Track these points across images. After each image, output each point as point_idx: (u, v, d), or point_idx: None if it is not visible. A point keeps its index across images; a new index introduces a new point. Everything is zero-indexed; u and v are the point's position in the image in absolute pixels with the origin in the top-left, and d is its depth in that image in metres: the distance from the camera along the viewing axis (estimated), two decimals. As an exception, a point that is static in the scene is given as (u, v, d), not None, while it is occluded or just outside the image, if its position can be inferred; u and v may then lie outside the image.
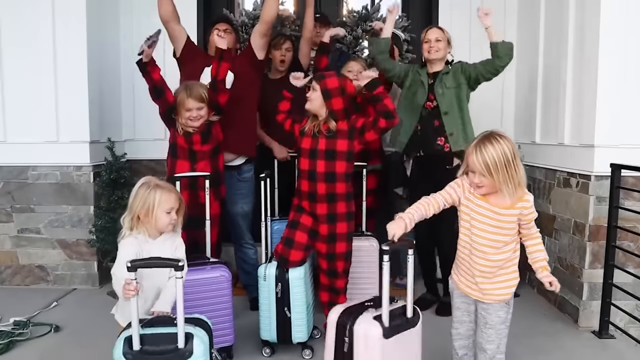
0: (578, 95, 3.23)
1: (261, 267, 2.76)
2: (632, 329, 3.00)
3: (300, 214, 2.76)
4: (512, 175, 1.98)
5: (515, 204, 2.05)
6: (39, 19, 3.68)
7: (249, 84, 3.27)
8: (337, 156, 2.66)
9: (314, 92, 2.67)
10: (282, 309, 2.72)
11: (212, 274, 2.65)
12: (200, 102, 2.83)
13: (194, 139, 2.91)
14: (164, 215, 2.08)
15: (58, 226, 3.82)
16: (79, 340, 2.92)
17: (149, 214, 2.06)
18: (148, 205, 2.06)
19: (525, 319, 3.21)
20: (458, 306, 2.24)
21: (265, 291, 2.73)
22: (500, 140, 1.98)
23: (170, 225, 2.12)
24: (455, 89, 3.15)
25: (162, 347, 1.82)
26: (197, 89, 2.85)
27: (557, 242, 3.47)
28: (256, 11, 4.18)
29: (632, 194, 3.05)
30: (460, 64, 3.20)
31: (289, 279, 2.71)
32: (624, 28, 3.00)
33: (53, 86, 3.72)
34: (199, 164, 2.92)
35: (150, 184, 2.11)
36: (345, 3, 4.51)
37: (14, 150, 3.76)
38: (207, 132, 2.94)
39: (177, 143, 2.94)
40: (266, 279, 2.72)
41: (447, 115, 3.14)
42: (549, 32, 3.62)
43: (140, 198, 2.07)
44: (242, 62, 3.27)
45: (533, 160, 3.80)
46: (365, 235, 3.28)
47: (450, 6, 4.21)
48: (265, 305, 2.74)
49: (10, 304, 3.40)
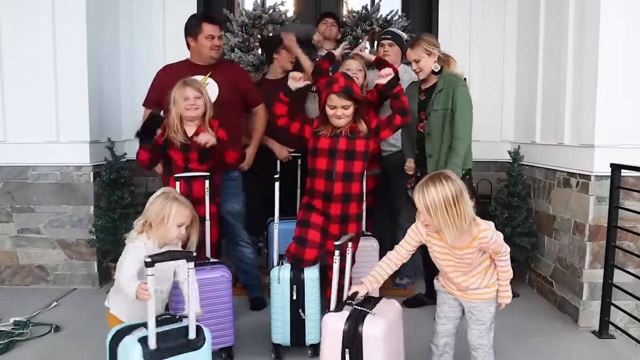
0: (578, 95, 3.23)
1: (274, 270, 2.69)
2: (632, 329, 3.00)
3: (310, 212, 2.74)
4: (454, 218, 1.95)
5: (472, 243, 2.06)
6: (39, 19, 3.68)
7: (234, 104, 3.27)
8: (356, 156, 2.68)
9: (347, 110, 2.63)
10: (297, 310, 2.67)
11: (213, 274, 2.63)
12: (197, 91, 2.80)
13: (192, 156, 2.84)
14: (174, 228, 2.13)
15: (58, 226, 3.82)
16: (79, 340, 2.91)
17: (162, 224, 2.12)
18: (163, 216, 2.11)
19: (525, 319, 3.21)
20: (445, 301, 2.28)
21: (279, 294, 2.67)
22: (445, 181, 1.97)
23: (177, 239, 2.17)
24: (443, 110, 3.05)
25: (176, 342, 1.90)
26: (195, 82, 2.84)
27: (557, 242, 3.47)
28: (256, 11, 4.18)
29: (632, 194, 3.05)
30: (454, 90, 3.01)
31: (304, 280, 2.67)
32: (624, 28, 3.00)
33: (53, 86, 3.72)
34: (195, 185, 2.83)
35: (170, 195, 2.17)
36: (345, 3, 4.52)
37: (14, 150, 3.76)
38: (206, 151, 2.85)
39: (174, 161, 2.86)
40: (280, 282, 2.66)
41: (429, 136, 3.09)
42: (549, 32, 3.62)
43: (157, 207, 2.13)
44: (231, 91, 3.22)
45: (533, 160, 3.80)
46: (365, 236, 3.28)
47: (450, 6, 4.21)
48: (279, 308, 2.68)
49: (10, 304, 3.40)
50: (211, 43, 3.17)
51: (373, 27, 4.17)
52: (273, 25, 4.17)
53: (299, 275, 2.67)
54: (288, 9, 4.29)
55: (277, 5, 4.21)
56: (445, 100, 3.04)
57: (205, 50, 3.17)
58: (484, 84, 4.17)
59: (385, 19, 4.20)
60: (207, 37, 3.16)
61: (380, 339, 2.00)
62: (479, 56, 4.20)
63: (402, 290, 3.63)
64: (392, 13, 4.22)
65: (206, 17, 3.25)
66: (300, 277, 2.67)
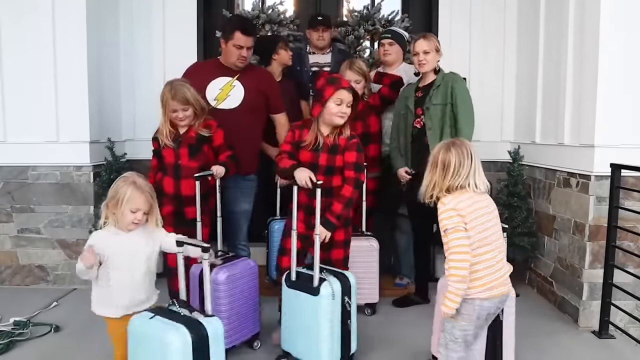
0: (578, 95, 3.23)
1: (323, 286, 2.46)
2: (632, 329, 3.01)
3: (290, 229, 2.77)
4: (432, 176, 2.10)
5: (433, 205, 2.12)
6: (39, 19, 3.68)
7: (258, 109, 3.28)
8: (335, 171, 2.68)
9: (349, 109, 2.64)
10: (346, 321, 2.54)
11: (246, 266, 2.74)
12: (184, 104, 2.79)
13: (182, 152, 2.86)
14: (128, 213, 2.12)
15: (58, 226, 3.82)
16: (79, 340, 2.92)
17: (116, 207, 2.12)
18: (118, 198, 2.12)
19: (525, 319, 3.20)
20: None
21: (327, 312, 2.45)
22: (451, 147, 2.08)
23: (132, 224, 2.15)
24: (442, 105, 3.11)
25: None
26: (182, 90, 2.78)
27: (557, 242, 3.47)
28: (255, 11, 4.17)
29: (632, 194, 3.05)
30: (452, 84, 3.11)
31: (351, 287, 2.56)
32: (624, 28, 2.99)
33: (53, 86, 3.72)
34: (183, 182, 2.84)
35: (128, 179, 2.16)
36: (347, 2, 4.51)
37: (14, 150, 3.76)
38: (197, 147, 2.87)
39: (164, 157, 2.89)
40: (335, 297, 2.46)
41: (430, 131, 3.13)
42: (549, 32, 3.62)
43: (113, 189, 2.15)
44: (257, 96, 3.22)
45: (533, 160, 3.80)
46: (365, 236, 3.29)
47: (450, 6, 4.21)
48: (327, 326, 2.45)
49: (10, 304, 3.40)
50: (239, 53, 3.12)
51: (376, 26, 4.16)
52: (271, 25, 4.16)
53: (347, 283, 2.55)
54: (287, 8, 4.28)
55: (276, 5, 4.20)
56: (444, 94, 3.10)
57: (231, 57, 3.15)
58: (484, 83, 4.16)
59: (387, 19, 4.19)
60: (236, 45, 3.11)
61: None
62: (479, 56, 4.19)
63: (402, 290, 3.63)
64: (394, 13, 4.21)
65: (241, 26, 3.16)
66: (348, 285, 2.54)
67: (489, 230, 2.04)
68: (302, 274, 2.58)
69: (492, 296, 2.03)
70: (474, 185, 2.06)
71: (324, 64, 3.89)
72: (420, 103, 3.18)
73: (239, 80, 3.19)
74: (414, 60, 3.20)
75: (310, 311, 2.47)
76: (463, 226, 1.99)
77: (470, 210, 2.02)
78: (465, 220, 2.00)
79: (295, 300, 2.53)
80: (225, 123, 3.03)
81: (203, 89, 3.12)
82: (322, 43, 3.84)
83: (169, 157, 2.88)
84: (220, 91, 3.17)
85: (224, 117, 3.08)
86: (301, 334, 2.52)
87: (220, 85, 3.18)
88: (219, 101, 3.17)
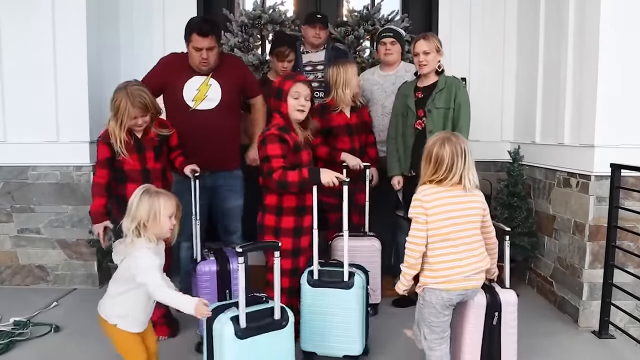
0: (578, 95, 3.23)
1: (356, 279, 2.56)
2: (632, 329, 3.01)
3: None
4: (423, 166, 2.19)
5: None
6: (39, 20, 3.68)
7: (235, 104, 3.25)
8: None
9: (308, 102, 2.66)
10: (367, 309, 2.71)
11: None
12: (144, 110, 2.69)
13: (148, 155, 2.79)
14: (166, 220, 2.11)
15: (58, 226, 3.82)
16: (79, 340, 2.92)
17: (155, 221, 2.08)
18: (155, 212, 2.08)
19: (525, 319, 3.19)
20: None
21: (354, 301, 2.54)
22: (445, 142, 2.14)
23: (169, 230, 2.14)
24: (445, 109, 3.11)
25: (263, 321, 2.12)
26: (141, 96, 2.67)
27: (557, 242, 3.47)
28: (255, 11, 4.17)
29: (632, 194, 3.05)
30: (457, 91, 3.11)
31: (368, 274, 2.72)
32: (624, 28, 3.00)
33: (53, 86, 3.72)
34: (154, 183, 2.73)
35: (152, 190, 2.14)
36: (347, 2, 4.51)
37: (14, 150, 3.76)
38: (160, 148, 2.82)
39: (123, 164, 2.75)
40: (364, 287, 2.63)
41: (431, 133, 3.09)
42: (549, 32, 3.62)
43: (145, 205, 2.08)
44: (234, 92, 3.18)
45: (533, 160, 3.80)
46: (367, 235, 3.28)
47: (450, 6, 4.21)
48: (360, 314, 2.57)
49: (10, 304, 3.40)
50: (199, 55, 2.98)
51: (375, 26, 4.15)
52: (273, 25, 4.16)
53: (366, 272, 2.71)
54: (288, 8, 4.28)
55: (277, 5, 4.20)
56: (448, 99, 3.10)
57: (194, 60, 3.03)
58: (484, 83, 4.17)
59: (386, 19, 4.19)
60: (195, 48, 2.97)
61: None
62: (479, 56, 4.19)
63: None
64: (394, 13, 4.21)
65: (197, 26, 2.97)
66: (366, 273, 2.71)
67: (455, 226, 2.13)
68: (320, 272, 2.60)
69: (449, 289, 2.16)
70: (466, 182, 2.13)
71: (317, 62, 3.88)
72: (421, 104, 3.16)
73: (215, 79, 3.10)
74: (414, 60, 3.20)
75: (342, 305, 2.54)
76: (424, 218, 2.13)
77: (437, 204, 2.12)
78: (428, 213, 2.12)
79: (321, 298, 2.56)
80: (206, 124, 3.02)
81: (179, 90, 3.08)
82: (317, 41, 3.82)
83: (133, 163, 2.76)
84: (198, 92, 3.09)
85: (203, 118, 3.07)
86: (331, 330, 2.56)
87: (197, 86, 3.09)
88: (197, 102, 3.09)
